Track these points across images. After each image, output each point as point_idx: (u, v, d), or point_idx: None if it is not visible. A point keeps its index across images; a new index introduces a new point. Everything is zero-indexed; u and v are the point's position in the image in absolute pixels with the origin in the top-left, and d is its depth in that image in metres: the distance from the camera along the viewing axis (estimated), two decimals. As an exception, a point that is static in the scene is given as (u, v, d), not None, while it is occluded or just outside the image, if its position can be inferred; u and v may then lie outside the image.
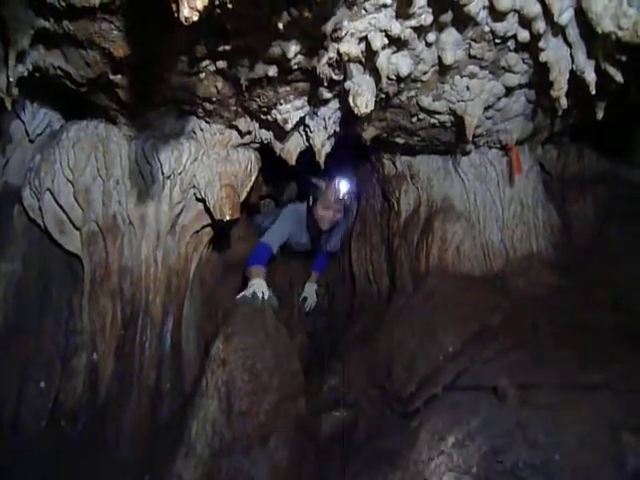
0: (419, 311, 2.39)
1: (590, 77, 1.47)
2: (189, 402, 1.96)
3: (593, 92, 1.48)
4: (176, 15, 0.89)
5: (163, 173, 2.07)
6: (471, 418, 1.59)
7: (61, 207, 2.11)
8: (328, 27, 1.37)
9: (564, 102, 1.55)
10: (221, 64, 1.60)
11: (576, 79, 1.51)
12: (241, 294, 2.19)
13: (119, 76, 1.66)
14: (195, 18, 0.90)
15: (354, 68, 1.62)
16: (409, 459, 1.63)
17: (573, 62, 1.49)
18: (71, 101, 1.98)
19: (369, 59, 1.56)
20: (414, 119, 2.11)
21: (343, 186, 2.78)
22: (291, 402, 1.97)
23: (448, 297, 2.38)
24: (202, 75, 1.68)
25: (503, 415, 1.55)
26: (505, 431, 1.48)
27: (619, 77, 1.45)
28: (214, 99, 1.83)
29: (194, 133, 2.12)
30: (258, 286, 2.21)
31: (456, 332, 2.20)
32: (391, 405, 2.13)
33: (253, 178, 2.39)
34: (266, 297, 2.18)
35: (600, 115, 1.75)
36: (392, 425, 1.96)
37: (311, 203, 2.86)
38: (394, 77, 1.69)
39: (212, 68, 1.64)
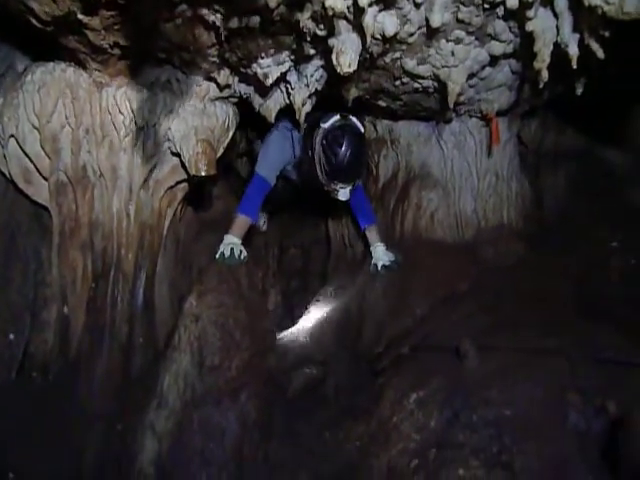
0: (391, 275, 2.45)
1: (573, 51, 1.47)
2: (162, 356, 1.99)
3: (574, 67, 1.48)
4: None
5: (136, 124, 1.98)
6: (434, 377, 1.68)
7: (27, 155, 2.01)
8: (314, -22, 1.31)
9: (545, 75, 1.56)
10: (199, 10, 1.52)
11: (559, 52, 1.51)
12: (219, 252, 2.19)
13: (88, 17, 1.54)
14: (171, -42, 0.84)
15: (339, 25, 1.57)
16: (373, 414, 1.73)
17: (558, 34, 1.49)
18: (37, 41, 1.84)
19: (355, 16, 1.51)
20: (397, 82, 2.07)
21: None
22: (262, 359, 2.02)
23: (420, 262, 2.45)
24: (179, 21, 1.58)
25: (463, 374, 1.64)
26: (464, 389, 1.58)
27: (600, 53, 1.46)
28: (191, 48, 1.74)
29: (169, 83, 2.02)
30: (235, 245, 2.22)
31: (426, 296, 2.28)
32: (360, 364, 2.22)
33: (231, 134, 2.33)
34: (242, 257, 2.21)
35: (579, 90, 1.77)
36: (359, 383, 2.06)
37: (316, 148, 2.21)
38: (379, 37, 1.64)
39: (189, 14, 1.55)
